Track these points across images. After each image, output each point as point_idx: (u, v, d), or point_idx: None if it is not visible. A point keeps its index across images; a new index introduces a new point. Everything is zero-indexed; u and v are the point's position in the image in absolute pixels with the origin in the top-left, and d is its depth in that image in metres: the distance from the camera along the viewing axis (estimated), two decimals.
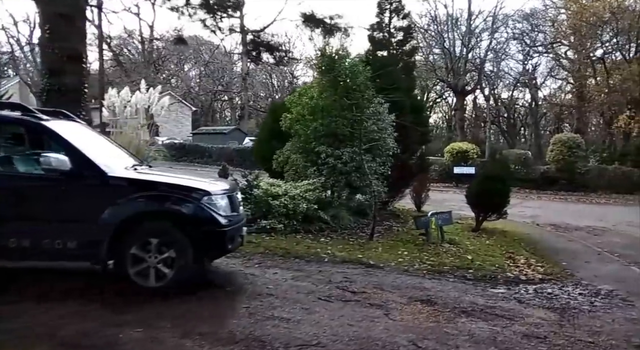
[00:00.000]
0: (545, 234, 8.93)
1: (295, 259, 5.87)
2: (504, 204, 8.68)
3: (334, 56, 8.13)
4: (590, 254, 7.24)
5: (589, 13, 25.15)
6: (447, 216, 7.62)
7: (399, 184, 10.20)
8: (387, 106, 8.54)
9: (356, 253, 6.29)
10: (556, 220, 11.26)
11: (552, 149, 19.83)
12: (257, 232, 6.97)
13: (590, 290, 5.30)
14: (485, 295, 4.95)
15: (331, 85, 8.20)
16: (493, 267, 6.12)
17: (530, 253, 7.20)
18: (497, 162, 8.98)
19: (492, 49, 36.24)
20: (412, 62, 10.21)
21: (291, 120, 8.76)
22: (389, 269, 5.76)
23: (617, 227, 10.52)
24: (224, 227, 4.24)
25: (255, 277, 4.97)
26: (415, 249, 6.79)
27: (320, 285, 4.82)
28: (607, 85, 27.63)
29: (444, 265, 6.03)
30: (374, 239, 7.21)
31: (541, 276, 5.89)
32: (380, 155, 8.59)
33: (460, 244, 7.29)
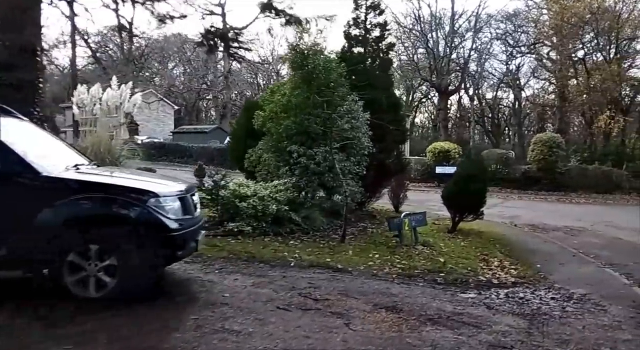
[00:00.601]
0: (522, 235, 8.81)
1: (260, 264, 5.60)
2: (480, 205, 8.52)
3: (306, 52, 7.86)
4: (565, 256, 7.12)
5: (570, 13, 25.34)
6: (421, 217, 7.42)
7: (376, 184, 9.99)
8: (361, 104, 8.30)
9: (325, 256, 6.03)
10: (535, 220, 11.18)
11: (533, 149, 19.87)
12: (223, 235, 6.69)
13: (562, 294, 5.13)
14: (454, 300, 4.75)
15: (304, 82, 7.93)
16: (465, 270, 5.93)
17: (505, 255, 7.04)
18: (474, 162, 8.82)
19: (476, 49, 36.48)
20: (389, 59, 9.99)
21: (264, 118, 8.48)
22: (357, 273, 5.53)
23: (594, 228, 10.48)
24: (173, 231, 3.94)
25: (213, 284, 4.68)
26: (387, 251, 6.57)
27: (281, 293, 4.55)
28: (588, 85, 27.93)
29: (415, 269, 5.81)
30: (345, 241, 6.97)
31: (514, 279, 5.72)
32: (354, 155, 8.36)
33: (434, 246, 7.09)
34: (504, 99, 48.42)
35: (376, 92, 9.72)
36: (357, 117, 8.23)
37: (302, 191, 8.10)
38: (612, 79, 25.31)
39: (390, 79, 10.23)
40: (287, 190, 7.49)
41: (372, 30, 9.78)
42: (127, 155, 12.81)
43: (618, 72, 26.75)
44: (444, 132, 33.18)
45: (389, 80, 10.21)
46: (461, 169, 8.95)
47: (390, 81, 10.27)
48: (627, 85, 29.67)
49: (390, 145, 9.92)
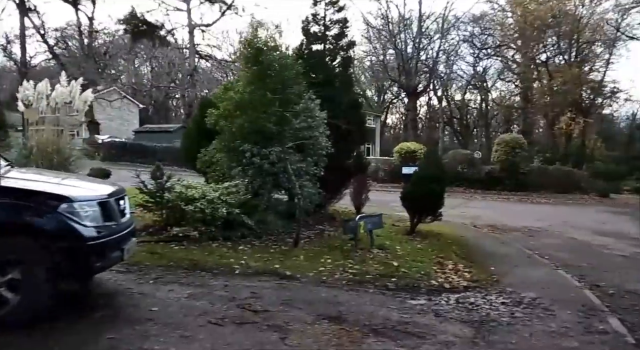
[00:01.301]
0: (481, 236, 8.78)
1: (202, 272, 5.24)
2: (439, 206, 8.41)
3: (261, 47, 7.54)
4: (520, 258, 7.08)
5: (533, 17, 26.00)
6: (378, 220, 7.22)
7: (336, 186, 9.76)
8: (318, 102, 8.04)
9: (274, 263, 5.73)
10: (495, 221, 11.24)
11: (497, 150, 20.22)
12: (166, 241, 6.29)
13: (513, 298, 5.02)
14: (402, 308, 4.54)
15: (258, 79, 7.61)
16: (418, 274, 5.75)
17: (461, 257, 6.93)
18: (433, 163, 8.71)
19: (444, 51, 37.01)
20: (349, 57, 9.78)
21: (217, 116, 8.09)
22: (306, 280, 5.25)
23: (552, 228, 10.61)
24: (89, 240, 3.55)
25: (143, 297, 4.30)
26: (341, 256, 6.32)
27: (218, 305, 4.22)
28: (550, 88, 28.77)
29: (366, 274, 5.59)
30: (299, 245, 6.68)
31: (467, 283, 5.57)
32: (311, 155, 8.09)
33: (390, 249, 6.91)
34: (472, 100, 49.58)
35: (336, 91, 9.50)
36: (314, 116, 7.96)
37: (256, 193, 7.77)
38: (573, 81, 26.14)
39: (350, 77, 10.04)
40: (239, 192, 7.14)
41: (332, 27, 9.55)
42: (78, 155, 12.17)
43: (578, 75, 27.68)
44: (412, 133, 33.47)
45: (349, 78, 10.01)
46: (420, 169, 8.81)
47: (351, 80, 10.07)
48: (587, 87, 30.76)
49: (351, 146, 9.72)
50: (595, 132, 33.28)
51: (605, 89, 32.77)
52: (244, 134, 7.64)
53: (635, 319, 4.56)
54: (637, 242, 8.99)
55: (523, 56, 32.90)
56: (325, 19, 9.49)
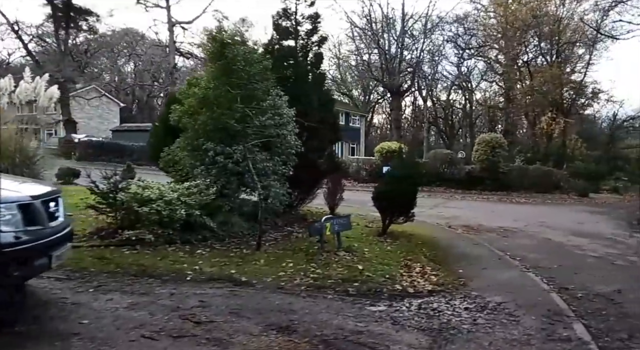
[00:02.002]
0: (454, 237, 8.60)
1: (150, 279, 4.92)
2: (411, 206, 8.21)
3: (225, 41, 7.21)
4: (491, 259, 6.90)
5: (514, 17, 26.10)
6: (346, 221, 6.97)
7: (308, 185, 9.50)
8: (286, 99, 7.76)
9: (231, 267, 5.43)
10: (472, 221, 11.09)
11: (477, 149, 20.16)
12: (118, 245, 5.94)
13: (477, 303, 4.81)
14: (359, 315, 4.28)
15: (222, 74, 7.29)
16: (383, 278, 5.52)
17: (430, 259, 6.72)
18: (406, 162, 8.50)
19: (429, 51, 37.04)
20: (321, 53, 9.50)
21: (181, 113, 7.75)
22: (262, 286, 4.96)
23: (528, 228, 10.50)
24: (5, 247, 3.20)
25: (77, 307, 3.97)
26: (305, 259, 6.06)
27: (158, 315, 3.91)
28: (531, 87, 28.93)
29: (328, 279, 5.33)
30: (262, 248, 6.39)
31: (432, 287, 5.35)
32: (279, 154, 7.81)
33: (358, 252, 6.67)
34: (457, 100, 49.82)
35: (307, 87, 9.24)
36: (281, 113, 7.68)
37: (222, 194, 7.45)
38: (553, 81, 26.30)
39: (322, 74, 9.77)
40: (201, 192, 6.81)
41: (304, 22, 9.28)
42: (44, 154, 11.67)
43: (559, 75, 27.88)
44: (395, 133, 33.37)
45: (321, 75, 9.74)
46: (393, 168, 8.58)
47: (323, 77, 9.81)
48: (568, 88, 31.03)
49: (323, 144, 9.46)
50: (575, 132, 33.61)
51: (586, 89, 33.17)
52: (208, 131, 7.33)
53: (601, 325, 4.38)
54: (611, 242, 8.91)
55: (505, 56, 33.09)
56: (297, 14, 9.22)
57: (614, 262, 7.17)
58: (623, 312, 4.77)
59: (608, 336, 4.10)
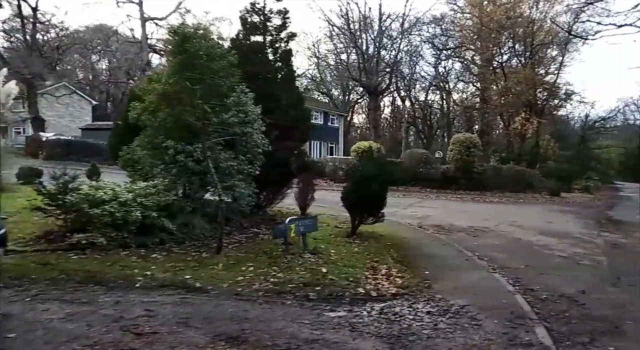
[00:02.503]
0: (424, 238, 8.50)
1: (96, 286, 4.61)
2: (381, 206, 8.07)
3: (187, 34, 6.90)
4: (459, 260, 6.80)
5: (488, 18, 26.39)
6: (311, 222, 6.77)
7: (277, 185, 9.27)
8: (252, 95, 7.50)
9: (187, 272, 5.15)
10: (444, 221, 11.05)
11: (452, 149, 20.26)
12: (67, 249, 5.57)
13: (440, 307, 4.67)
14: (316, 322, 4.08)
15: (183, 69, 6.98)
16: (347, 281, 5.33)
17: (397, 261, 6.57)
18: (374, 162, 8.35)
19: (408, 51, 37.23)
20: (290, 50, 9.25)
21: (140, 110, 7.39)
22: (217, 292, 4.71)
23: (499, 227, 10.51)
24: None
25: (7, 319, 3.66)
26: (267, 262, 5.82)
27: (96, 327, 3.62)
28: (505, 88, 29.32)
29: (289, 283, 5.11)
30: (222, 252, 6.12)
31: (396, 290, 5.19)
32: (244, 153, 7.54)
33: (324, 254, 6.47)
34: (435, 101, 50.28)
35: (276, 85, 9.00)
36: (246, 110, 7.41)
37: (185, 194, 7.15)
38: (526, 82, 26.70)
39: (292, 71, 9.53)
40: (159, 193, 6.49)
41: (273, 17, 9.02)
42: None
43: (532, 77, 28.32)
44: (374, 132, 33.38)
45: (291, 73, 9.51)
46: (361, 168, 8.43)
47: (293, 74, 9.58)
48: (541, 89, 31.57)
49: (293, 143, 9.22)
50: (549, 132, 34.29)
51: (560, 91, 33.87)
52: (168, 129, 7.02)
53: (563, 328, 4.29)
54: (578, 241, 8.97)
55: (481, 57, 33.51)
56: (265, 9, 8.96)
57: (581, 261, 7.18)
58: (586, 314, 4.71)
59: (569, 340, 4.01)
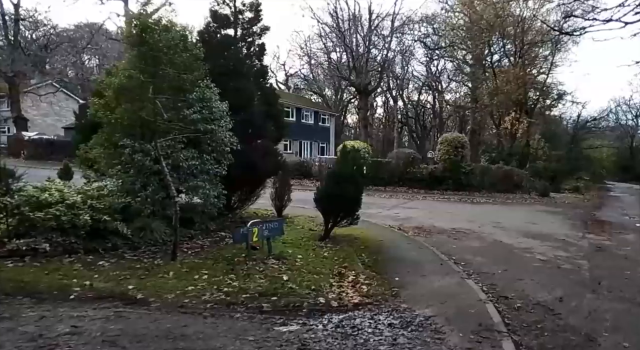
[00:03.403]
0: (401, 240, 8.13)
1: (25, 298, 4.21)
2: (355, 208, 7.70)
3: (147, 25, 6.49)
4: (433, 265, 6.44)
5: (478, 16, 26.12)
6: (277, 225, 6.38)
7: (250, 186, 8.87)
8: (217, 91, 7.12)
9: (132, 282, 4.75)
10: (426, 222, 10.70)
11: (440, 149, 19.91)
12: (5, 256, 5.15)
13: (404, 318, 4.30)
14: (263, 339, 3.70)
15: (142, 62, 6.58)
16: (308, 290, 4.96)
17: (367, 266, 6.21)
18: (349, 162, 7.97)
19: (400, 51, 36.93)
20: (263, 44, 8.86)
21: (99, 106, 6.97)
22: (158, 305, 4.31)
23: (482, 229, 10.18)
24: None
25: None
26: (225, 269, 5.43)
27: (7, 348, 3.19)
28: (496, 87, 29.08)
29: (244, 293, 4.72)
30: (178, 258, 5.72)
31: (360, 299, 4.83)
32: (209, 152, 7.14)
33: (290, 259, 6.09)
34: (428, 101, 50.08)
35: (247, 80, 8.60)
36: (211, 106, 7.02)
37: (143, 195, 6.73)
38: (516, 81, 26.46)
39: (265, 67, 9.13)
40: (114, 194, 6.08)
41: (244, 10, 8.63)
42: None
43: (522, 76, 28.10)
44: (363, 132, 33.03)
45: (264, 68, 9.11)
46: (336, 169, 8.04)
47: (265, 69, 9.17)
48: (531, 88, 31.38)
49: (265, 142, 8.83)
50: (539, 132, 34.12)
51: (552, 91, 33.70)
52: (125, 126, 6.58)
53: (533, 342, 3.95)
54: (562, 243, 8.65)
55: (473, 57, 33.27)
56: (236, 1, 8.56)
57: (562, 265, 6.85)
58: (560, 325, 4.37)
59: None
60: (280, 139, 9.50)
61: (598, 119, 46.15)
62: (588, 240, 9.15)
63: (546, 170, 24.27)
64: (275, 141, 9.42)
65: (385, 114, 52.81)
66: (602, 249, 8.38)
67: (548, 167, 25.04)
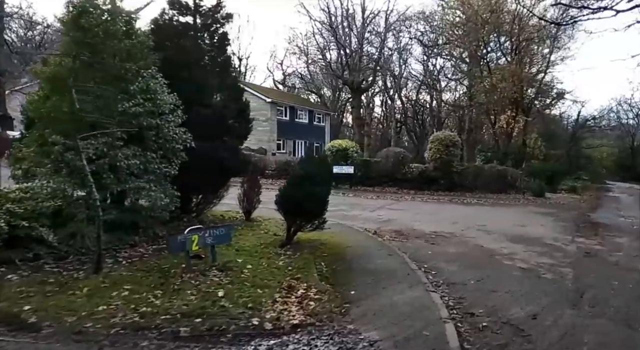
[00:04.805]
0: (373, 246, 7.45)
1: None
2: (321, 211, 7.05)
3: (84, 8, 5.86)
4: (399, 274, 5.76)
5: (472, 11, 25.43)
6: (224, 232, 5.72)
7: (210, 186, 8.21)
8: (163, 82, 6.46)
9: (33, 301, 4.11)
10: (408, 225, 10.03)
11: (431, 148, 19.20)
12: None
13: (344, 344, 3.65)
14: None
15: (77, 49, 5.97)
16: (244, 308, 4.31)
17: (324, 277, 5.56)
18: (315, 161, 7.31)
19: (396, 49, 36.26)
20: (225, 33, 8.20)
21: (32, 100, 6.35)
22: (52, 330, 3.68)
23: (465, 232, 9.50)
24: None
25: None
26: (154, 284, 4.79)
27: None
28: (491, 85, 28.36)
29: (165, 313, 4.08)
30: (103, 270, 5.07)
31: (302, 319, 4.17)
32: (154, 149, 6.48)
33: (237, 270, 5.45)
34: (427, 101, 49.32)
35: (207, 72, 7.96)
36: (156, 99, 6.35)
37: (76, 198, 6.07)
38: (511, 78, 25.74)
39: (228, 58, 8.48)
40: (38, 197, 5.43)
41: None
42: None
43: (518, 73, 27.36)
44: (357, 131, 32.34)
45: (227, 60, 8.46)
46: (300, 168, 7.38)
47: (229, 61, 8.51)
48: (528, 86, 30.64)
49: (228, 139, 8.18)
50: (538, 131, 33.40)
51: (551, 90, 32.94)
52: (56, 121, 5.93)
53: None
54: (548, 249, 7.97)
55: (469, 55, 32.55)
56: None
57: (543, 275, 6.18)
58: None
59: None
60: (246, 135, 8.84)
61: (598, 118, 45.39)
62: (577, 245, 8.46)
63: (543, 169, 23.57)
64: (241, 138, 8.76)
65: (383, 113, 52.10)
66: (591, 254, 7.69)
67: (544, 167, 24.35)
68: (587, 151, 40.53)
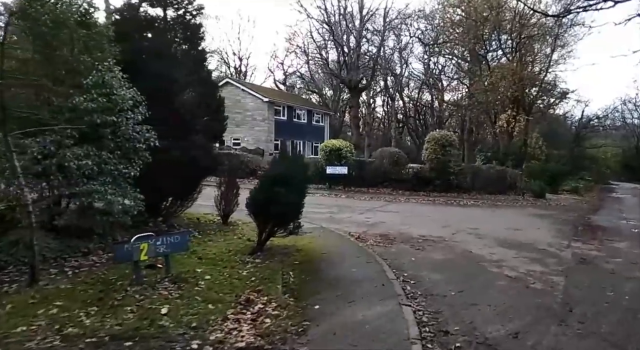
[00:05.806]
0: (351, 253, 6.93)
1: None
2: (295, 215, 6.56)
3: None
4: (373, 285, 5.25)
5: (472, 8, 24.88)
6: (179, 239, 5.22)
7: (181, 188, 7.73)
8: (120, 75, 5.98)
9: None
10: (396, 228, 9.51)
11: (427, 148, 18.63)
12: None
13: None
14: None
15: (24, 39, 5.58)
16: (185, 328, 3.82)
17: (289, 289, 5.07)
18: (289, 161, 6.81)
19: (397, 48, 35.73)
20: (198, 25, 7.72)
21: None
22: None
23: (455, 236, 8.97)
24: None
25: None
26: (91, 298, 4.31)
27: None
28: (491, 83, 27.77)
29: (92, 335, 3.60)
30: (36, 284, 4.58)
31: (250, 341, 3.68)
32: (112, 149, 6.00)
33: (193, 281, 4.96)
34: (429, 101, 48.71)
35: (178, 67, 7.48)
36: (112, 94, 5.87)
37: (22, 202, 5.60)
38: (511, 77, 25.15)
39: (202, 52, 7.99)
40: None
41: None
42: None
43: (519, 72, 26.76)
44: (355, 131, 31.81)
45: (200, 55, 7.98)
46: (272, 169, 6.87)
47: (202, 55, 8.03)
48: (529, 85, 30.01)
49: (199, 138, 7.70)
50: (540, 131, 32.75)
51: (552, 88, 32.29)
52: None
53: None
54: (541, 255, 7.43)
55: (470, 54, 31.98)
56: None
57: (531, 284, 5.64)
58: None
59: None
60: (220, 133, 8.36)
61: (602, 118, 44.64)
62: (573, 251, 7.91)
63: (543, 170, 22.96)
64: (215, 136, 8.28)
65: (384, 113, 51.54)
66: (587, 261, 7.14)
67: (545, 167, 23.74)
68: (590, 151, 39.82)
